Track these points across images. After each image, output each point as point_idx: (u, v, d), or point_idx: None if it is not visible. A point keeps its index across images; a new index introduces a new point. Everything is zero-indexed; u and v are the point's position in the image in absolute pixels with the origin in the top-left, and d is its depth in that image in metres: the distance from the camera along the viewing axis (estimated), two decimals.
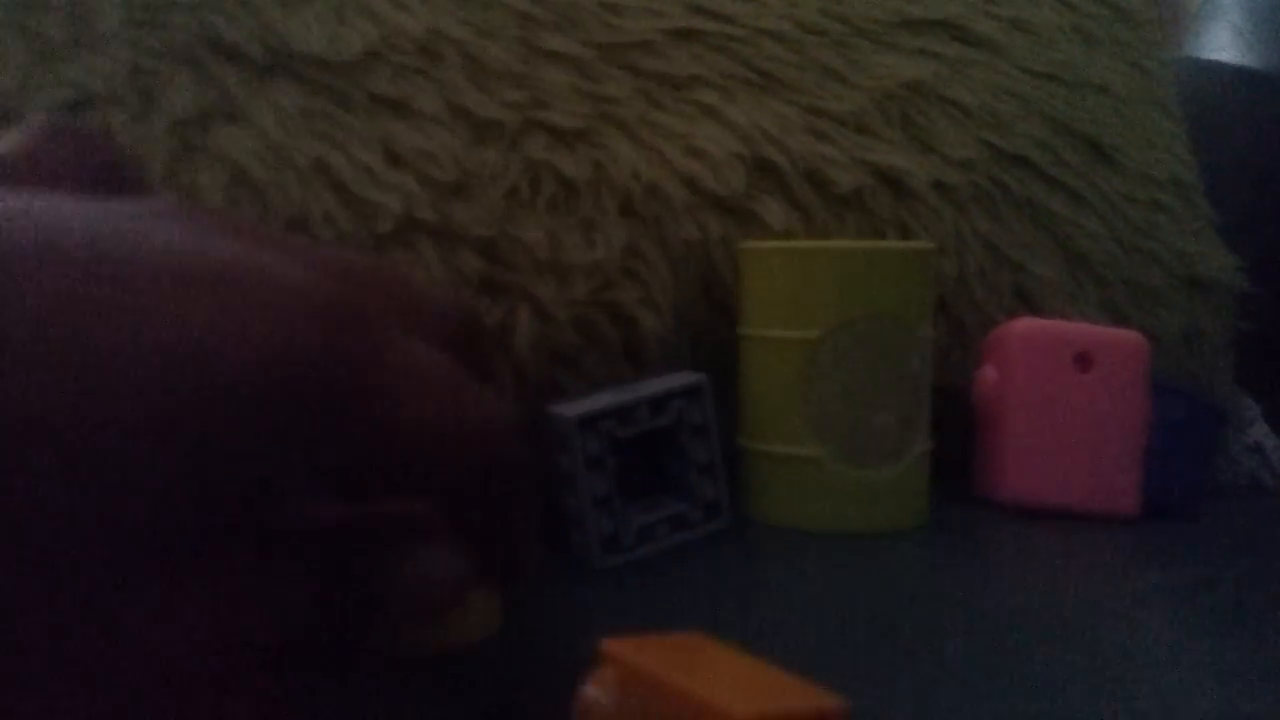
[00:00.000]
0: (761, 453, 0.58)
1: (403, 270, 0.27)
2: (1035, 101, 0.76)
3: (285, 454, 0.20)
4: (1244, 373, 0.86)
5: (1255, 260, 0.85)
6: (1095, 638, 0.40)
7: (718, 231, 0.62)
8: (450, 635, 0.40)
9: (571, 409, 0.52)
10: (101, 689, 0.18)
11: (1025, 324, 0.62)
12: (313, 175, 0.55)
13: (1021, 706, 0.34)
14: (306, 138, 0.56)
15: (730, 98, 0.66)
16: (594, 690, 0.26)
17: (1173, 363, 0.77)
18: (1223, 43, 1.20)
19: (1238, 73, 1.13)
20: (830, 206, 0.65)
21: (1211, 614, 0.44)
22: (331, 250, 0.26)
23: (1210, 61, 1.16)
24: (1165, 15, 1.07)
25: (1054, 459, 0.60)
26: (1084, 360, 0.61)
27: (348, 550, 0.22)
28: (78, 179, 0.25)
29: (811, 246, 0.57)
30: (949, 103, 0.72)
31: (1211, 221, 0.83)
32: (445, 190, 0.57)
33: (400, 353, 0.23)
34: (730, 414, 0.60)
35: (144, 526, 0.18)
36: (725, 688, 0.24)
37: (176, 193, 0.54)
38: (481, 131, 0.59)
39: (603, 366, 0.59)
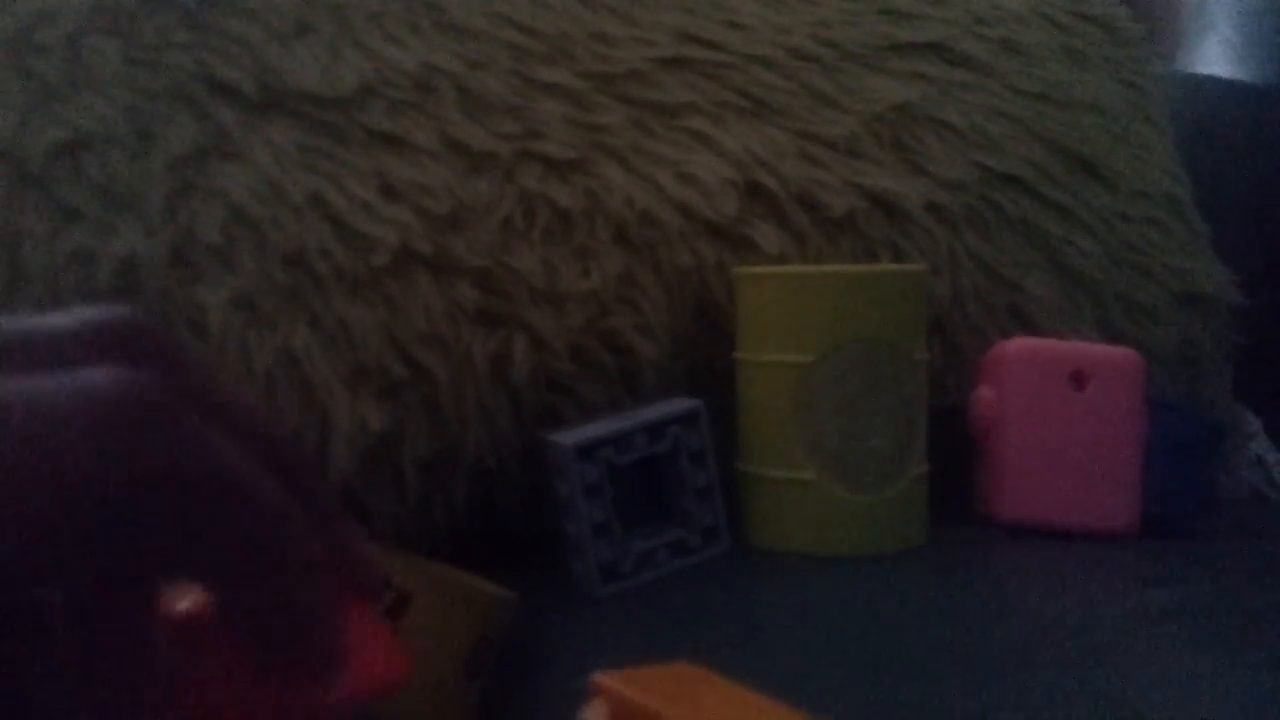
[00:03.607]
0: (758, 477, 0.58)
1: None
2: (1026, 121, 0.76)
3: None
4: (1244, 387, 0.86)
5: (1251, 274, 0.85)
6: (1095, 657, 0.40)
7: (712, 257, 0.63)
8: None
9: (569, 437, 0.52)
10: None
11: (1020, 343, 0.62)
12: (309, 210, 0.56)
13: None
14: (303, 173, 0.57)
15: (722, 124, 0.67)
16: None
17: (1170, 379, 0.77)
18: (1214, 57, 1.21)
19: (1229, 86, 1.14)
20: (824, 230, 0.66)
21: (1211, 631, 0.44)
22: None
23: (1202, 76, 1.17)
24: (1156, 31, 1.08)
25: (1051, 478, 0.60)
26: (1080, 379, 0.61)
27: None
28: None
29: (804, 271, 0.58)
30: (940, 124, 0.73)
31: (1205, 236, 0.84)
32: (441, 222, 0.57)
33: None
34: (728, 439, 0.60)
35: None
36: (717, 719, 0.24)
37: (174, 231, 0.55)
38: (476, 163, 0.60)
39: (600, 394, 0.59)
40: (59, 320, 0.25)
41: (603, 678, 0.25)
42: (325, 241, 0.55)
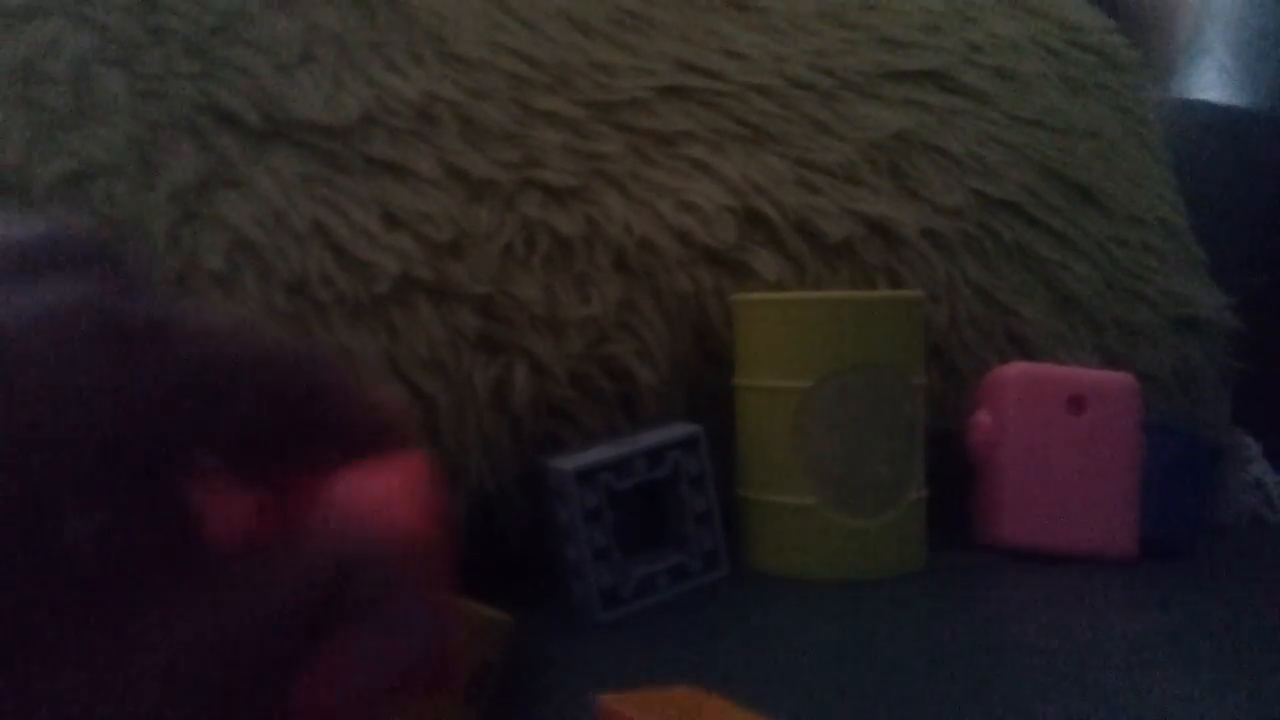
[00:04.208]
0: (758, 502, 0.58)
1: None
2: (1022, 148, 0.77)
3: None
4: (1242, 411, 0.86)
5: (1247, 298, 0.85)
6: (1095, 681, 0.41)
7: (711, 284, 0.63)
8: None
9: (569, 462, 0.52)
10: None
11: (1018, 369, 0.62)
12: (311, 238, 0.56)
13: None
14: (305, 202, 0.57)
15: (720, 152, 0.67)
16: None
17: (1167, 403, 0.77)
18: (1209, 83, 1.21)
19: (1225, 112, 1.15)
20: (821, 256, 0.66)
21: (1210, 654, 0.44)
22: None
23: (1197, 101, 1.18)
24: (1150, 57, 1.09)
25: (1050, 502, 0.60)
26: (1077, 403, 0.61)
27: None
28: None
29: (802, 297, 0.58)
30: (937, 151, 0.73)
31: (1201, 260, 0.84)
32: (442, 249, 0.58)
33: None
34: (727, 464, 0.60)
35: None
36: None
37: (179, 258, 0.55)
38: (477, 191, 0.60)
39: (599, 420, 0.60)
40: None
41: (607, 700, 0.26)
42: (327, 269, 0.56)
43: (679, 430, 0.56)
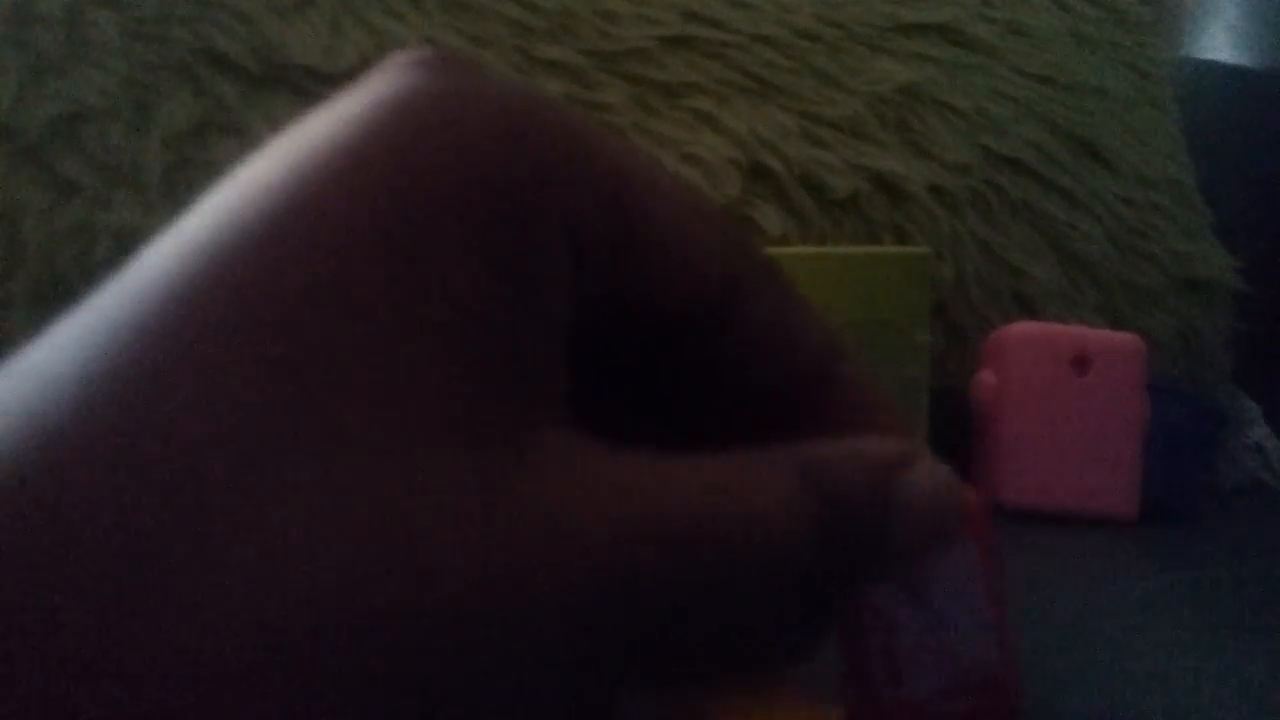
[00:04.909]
0: None
1: None
2: (1031, 104, 0.76)
3: None
4: (1244, 373, 0.86)
5: (1253, 260, 0.85)
6: (1094, 642, 0.40)
7: None
8: None
9: None
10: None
11: (1022, 328, 0.62)
12: None
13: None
14: None
15: (726, 104, 0.66)
16: None
17: (1171, 364, 0.77)
18: (1219, 42, 1.20)
19: (1234, 72, 1.13)
20: (826, 212, 0.65)
21: (1212, 617, 0.44)
22: None
23: (1207, 61, 1.16)
24: (1161, 15, 1.07)
25: (1052, 462, 0.60)
26: (1081, 363, 0.61)
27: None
28: None
29: (805, 252, 0.58)
30: (944, 106, 0.72)
31: (1208, 222, 0.83)
32: None
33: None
34: None
35: None
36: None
37: (172, 205, 0.54)
38: None
39: None
40: None
41: None
42: None
43: None
